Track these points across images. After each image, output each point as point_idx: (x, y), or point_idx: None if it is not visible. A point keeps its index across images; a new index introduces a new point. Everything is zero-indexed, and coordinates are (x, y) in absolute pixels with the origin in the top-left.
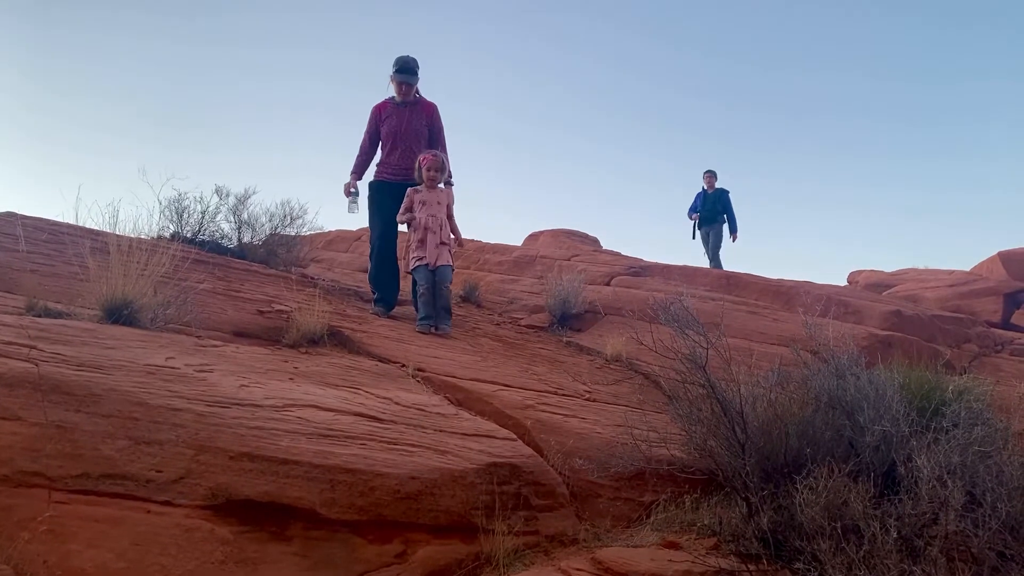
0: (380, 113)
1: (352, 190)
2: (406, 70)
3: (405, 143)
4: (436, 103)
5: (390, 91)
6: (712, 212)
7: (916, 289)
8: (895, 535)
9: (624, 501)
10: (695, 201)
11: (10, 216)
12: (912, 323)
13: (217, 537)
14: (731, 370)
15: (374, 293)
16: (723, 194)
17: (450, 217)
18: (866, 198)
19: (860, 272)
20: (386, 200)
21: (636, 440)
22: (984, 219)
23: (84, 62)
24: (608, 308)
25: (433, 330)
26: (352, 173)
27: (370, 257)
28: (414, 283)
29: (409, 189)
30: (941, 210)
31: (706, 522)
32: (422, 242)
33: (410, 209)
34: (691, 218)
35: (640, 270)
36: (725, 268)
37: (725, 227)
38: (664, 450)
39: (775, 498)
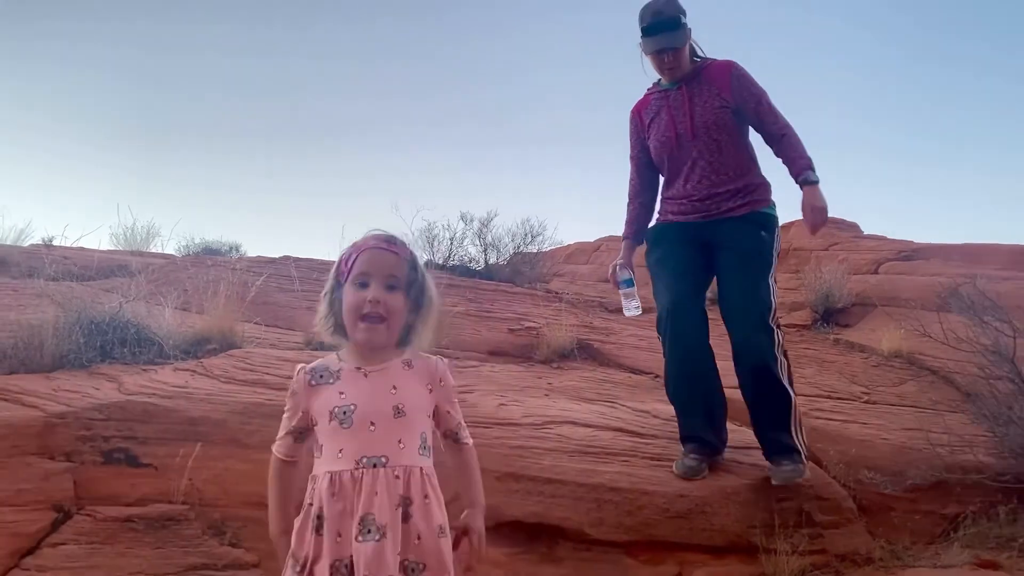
0: (640, 117)
1: (622, 275)
2: (658, 27)
3: (697, 152)
4: (733, 60)
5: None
6: None
7: None
8: None
9: (923, 515)
10: None
11: (286, 259)
12: None
13: (491, 559)
14: None
15: (679, 419)
16: None
17: None
18: None
19: None
20: (674, 251)
21: (933, 445)
22: None
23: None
24: (879, 298)
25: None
26: (624, 239)
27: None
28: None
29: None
30: None
31: None
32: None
33: None
34: None
35: (911, 253)
36: None
37: None
38: (969, 455)
39: None
